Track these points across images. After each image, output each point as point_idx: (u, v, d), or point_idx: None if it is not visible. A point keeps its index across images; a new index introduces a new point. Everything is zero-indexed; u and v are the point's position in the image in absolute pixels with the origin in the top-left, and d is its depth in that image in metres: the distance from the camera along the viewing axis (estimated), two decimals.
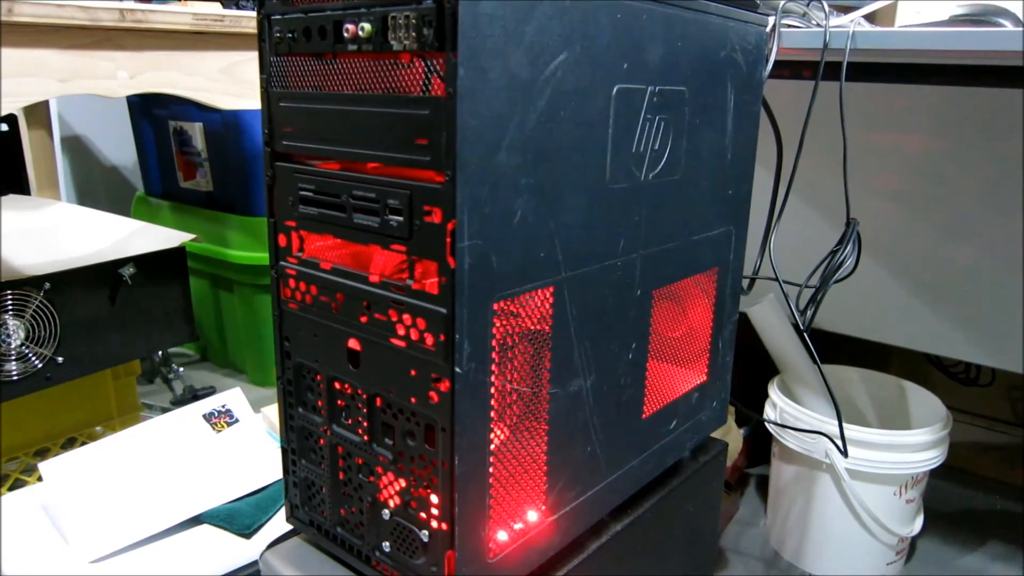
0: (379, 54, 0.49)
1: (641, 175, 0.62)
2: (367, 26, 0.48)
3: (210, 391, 1.73)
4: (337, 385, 0.58)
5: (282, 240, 0.59)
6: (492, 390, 0.52)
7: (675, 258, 0.69)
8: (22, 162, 1.81)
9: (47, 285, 1.12)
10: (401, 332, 0.51)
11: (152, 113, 1.89)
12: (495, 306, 0.51)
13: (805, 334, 0.83)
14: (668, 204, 0.66)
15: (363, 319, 0.54)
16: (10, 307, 1.08)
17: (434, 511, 0.53)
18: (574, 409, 0.61)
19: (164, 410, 1.61)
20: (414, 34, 0.46)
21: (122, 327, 1.22)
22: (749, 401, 1.48)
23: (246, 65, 1.15)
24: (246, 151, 1.70)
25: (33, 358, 1.11)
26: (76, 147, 2.18)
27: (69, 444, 1.31)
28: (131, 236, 1.23)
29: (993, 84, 0.96)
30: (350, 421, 0.58)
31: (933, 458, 1.14)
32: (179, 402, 1.70)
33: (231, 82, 1.09)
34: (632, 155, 0.60)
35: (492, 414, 0.53)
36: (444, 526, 0.52)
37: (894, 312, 1.30)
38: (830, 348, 1.50)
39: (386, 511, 0.56)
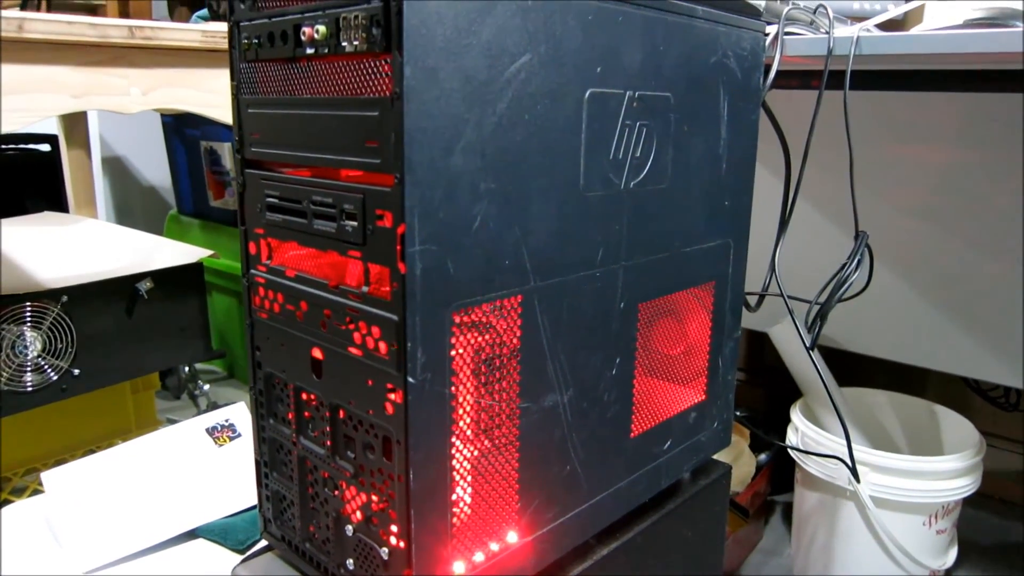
0: (334, 56, 0.48)
1: (621, 183, 0.59)
2: (322, 28, 0.47)
3: None
4: (304, 396, 0.57)
5: (252, 248, 0.58)
6: (453, 403, 0.51)
7: (664, 270, 0.67)
8: (62, 181, 1.86)
9: (65, 298, 1.14)
10: (358, 340, 0.50)
11: (185, 134, 1.93)
12: (454, 315, 0.49)
13: (813, 352, 0.79)
14: (654, 214, 0.64)
15: (324, 328, 0.53)
16: (28, 319, 1.10)
17: (393, 528, 0.51)
18: (549, 425, 0.58)
19: None
20: (364, 35, 0.45)
21: (138, 341, 1.23)
22: (774, 425, 1.42)
23: None
24: None
25: (49, 370, 1.13)
26: (116, 167, 2.24)
27: None
28: (150, 251, 1.24)
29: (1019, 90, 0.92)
30: (316, 433, 0.56)
31: (964, 486, 1.08)
32: None
33: None
34: (610, 162, 0.58)
35: (454, 427, 0.51)
36: (403, 544, 0.51)
37: (929, 334, 1.24)
38: (864, 371, 1.44)
39: (349, 527, 0.55)
